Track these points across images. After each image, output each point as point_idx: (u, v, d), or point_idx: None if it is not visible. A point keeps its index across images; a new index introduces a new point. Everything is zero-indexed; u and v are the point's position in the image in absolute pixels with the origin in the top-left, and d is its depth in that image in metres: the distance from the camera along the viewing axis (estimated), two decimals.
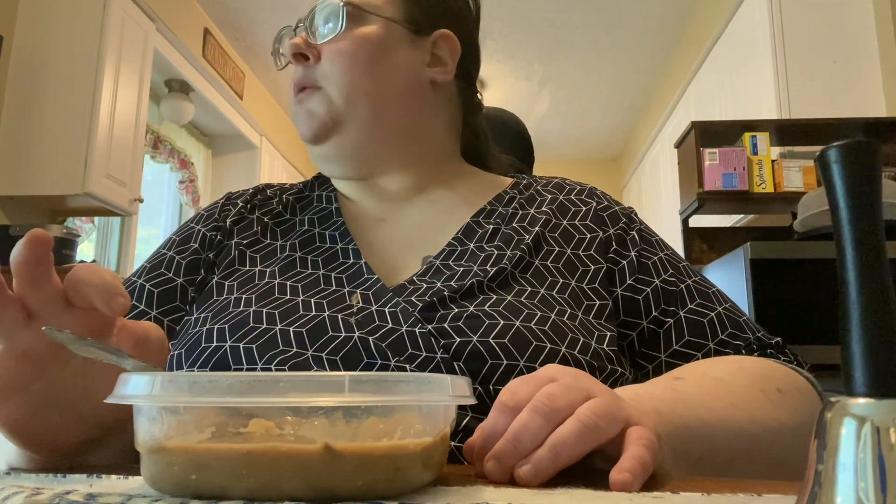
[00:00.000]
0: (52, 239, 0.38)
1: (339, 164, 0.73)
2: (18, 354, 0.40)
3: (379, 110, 0.71)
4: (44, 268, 0.39)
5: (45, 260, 0.39)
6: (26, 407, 0.41)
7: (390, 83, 0.71)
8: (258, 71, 5.18)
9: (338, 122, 0.70)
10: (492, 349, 0.55)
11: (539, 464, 0.36)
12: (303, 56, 0.70)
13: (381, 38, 0.71)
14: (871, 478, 0.24)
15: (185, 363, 0.58)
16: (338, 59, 0.70)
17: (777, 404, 0.53)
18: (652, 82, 5.20)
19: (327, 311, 0.58)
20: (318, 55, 0.70)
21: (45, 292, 0.39)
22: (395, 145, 0.73)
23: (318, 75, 0.70)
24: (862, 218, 0.25)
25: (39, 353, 0.40)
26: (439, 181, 0.75)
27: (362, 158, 0.72)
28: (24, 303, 0.39)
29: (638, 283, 0.67)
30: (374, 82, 0.70)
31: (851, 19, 2.84)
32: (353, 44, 0.70)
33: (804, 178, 2.47)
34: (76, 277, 0.39)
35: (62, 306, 0.40)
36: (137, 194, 3.45)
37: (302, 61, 0.71)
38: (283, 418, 0.31)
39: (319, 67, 0.70)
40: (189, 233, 0.73)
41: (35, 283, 0.39)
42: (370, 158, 0.72)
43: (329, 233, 0.71)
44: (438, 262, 0.66)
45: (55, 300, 0.40)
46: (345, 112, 0.70)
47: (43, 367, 0.41)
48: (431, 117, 0.75)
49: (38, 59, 3.10)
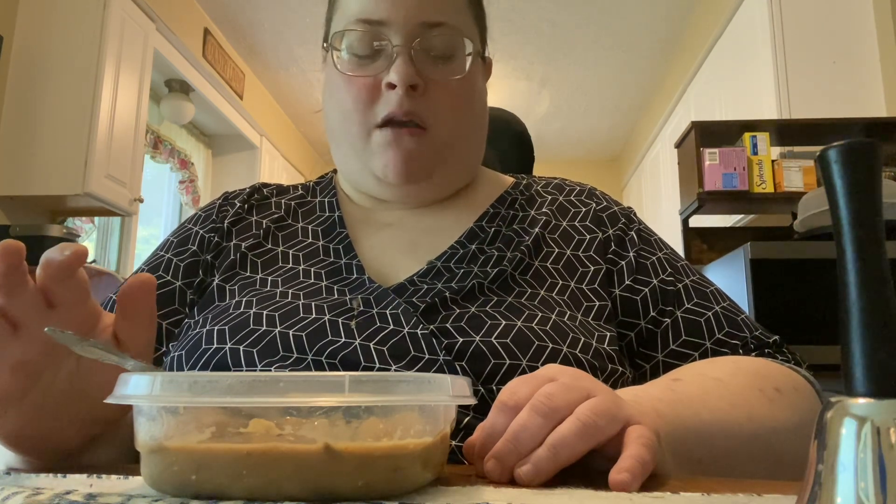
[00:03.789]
0: (23, 247, 0.38)
1: (413, 201, 0.72)
2: (11, 366, 0.40)
3: (469, 152, 0.72)
4: (19, 276, 0.38)
5: (19, 269, 0.38)
6: (24, 417, 0.41)
7: (479, 124, 0.73)
8: (258, 71, 5.18)
9: (434, 165, 0.68)
10: (494, 349, 0.55)
11: (539, 463, 0.36)
12: (412, 87, 0.64)
13: (478, 78, 0.71)
14: (871, 478, 0.24)
15: (185, 364, 0.58)
16: (449, 101, 0.66)
17: (775, 404, 0.53)
18: (652, 82, 5.20)
19: (328, 315, 0.58)
20: (425, 87, 0.65)
21: (25, 300, 0.39)
22: (468, 178, 0.75)
23: (423, 110, 0.65)
24: (862, 218, 0.25)
25: (32, 362, 0.40)
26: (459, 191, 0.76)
27: (439, 196, 0.72)
28: (7, 314, 0.39)
29: (636, 283, 0.67)
30: (472, 125, 0.71)
31: (851, 19, 2.84)
32: (465, 87, 0.68)
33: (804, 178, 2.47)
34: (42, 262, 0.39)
35: (44, 310, 0.40)
36: (137, 194, 3.45)
37: (410, 91, 0.64)
38: (283, 418, 0.31)
39: (425, 102, 0.65)
40: (187, 234, 0.72)
41: (13, 292, 0.38)
42: (444, 194, 0.73)
43: (333, 246, 0.69)
44: (440, 263, 0.65)
45: (36, 306, 0.39)
46: (444, 156, 0.68)
47: (37, 375, 0.41)
48: (485, 144, 0.78)
49: (38, 59, 3.10)
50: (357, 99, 0.65)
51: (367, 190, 0.72)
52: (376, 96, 0.65)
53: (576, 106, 5.68)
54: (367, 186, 0.71)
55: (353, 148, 0.68)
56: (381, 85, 0.65)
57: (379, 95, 0.65)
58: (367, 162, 0.67)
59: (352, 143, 0.68)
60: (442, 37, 0.65)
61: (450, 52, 0.66)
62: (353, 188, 0.75)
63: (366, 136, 0.66)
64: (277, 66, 5.09)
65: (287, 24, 4.46)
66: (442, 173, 0.70)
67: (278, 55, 4.91)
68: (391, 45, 0.64)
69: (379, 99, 0.65)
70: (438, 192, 0.72)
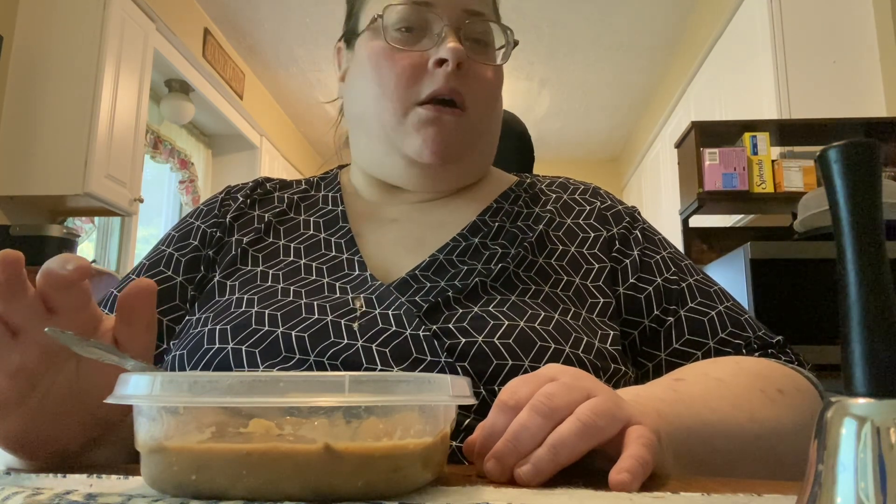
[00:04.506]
0: (22, 257, 0.38)
1: (441, 184, 0.72)
2: (11, 372, 0.40)
3: (493, 142, 0.75)
4: (18, 285, 0.38)
5: (19, 279, 0.38)
6: (24, 421, 0.41)
7: (500, 116, 0.75)
8: (258, 71, 5.18)
9: (467, 147, 0.70)
10: (496, 349, 0.55)
11: (539, 463, 0.36)
12: (459, 66, 0.65)
13: (503, 71, 0.73)
14: (871, 478, 0.24)
15: (187, 364, 0.58)
16: (486, 86, 0.69)
17: (778, 405, 0.53)
18: (652, 82, 5.20)
19: (330, 316, 0.58)
20: (467, 70, 0.66)
21: (25, 306, 0.39)
22: (484, 171, 0.77)
23: (466, 91, 0.66)
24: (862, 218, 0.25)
25: (31, 367, 0.40)
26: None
27: (461, 183, 0.74)
28: (6, 320, 0.39)
29: (640, 281, 0.67)
30: (497, 115, 0.74)
31: (851, 19, 2.84)
32: (497, 75, 0.71)
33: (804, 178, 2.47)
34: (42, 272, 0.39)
35: (44, 316, 0.40)
36: (137, 194, 3.45)
37: (457, 70, 0.65)
38: (283, 418, 0.31)
39: (467, 82, 0.66)
40: (188, 229, 0.71)
41: (13, 299, 0.38)
42: (466, 182, 0.74)
43: (335, 240, 0.69)
44: (442, 256, 0.65)
45: (36, 312, 0.39)
46: (474, 141, 0.70)
47: (36, 381, 0.41)
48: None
49: (38, 59, 3.10)
50: (401, 75, 0.66)
51: (389, 175, 0.72)
52: (420, 74, 0.66)
53: (576, 106, 5.68)
54: (391, 171, 0.71)
55: (385, 128, 0.68)
56: (427, 63, 0.66)
57: (423, 73, 0.66)
58: (398, 142, 0.68)
59: (384, 124, 0.68)
60: (484, 25, 0.69)
61: (488, 40, 0.70)
62: (367, 179, 0.75)
63: (402, 114, 0.67)
64: (277, 66, 5.09)
65: (287, 24, 4.46)
66: (470, 159, 0.71)
67: (278, 55, 4.91)
68: (440, 25, 0.66)
69: (423, 77, 0.66)
70: (461, 179, 0.73)
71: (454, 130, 0.66)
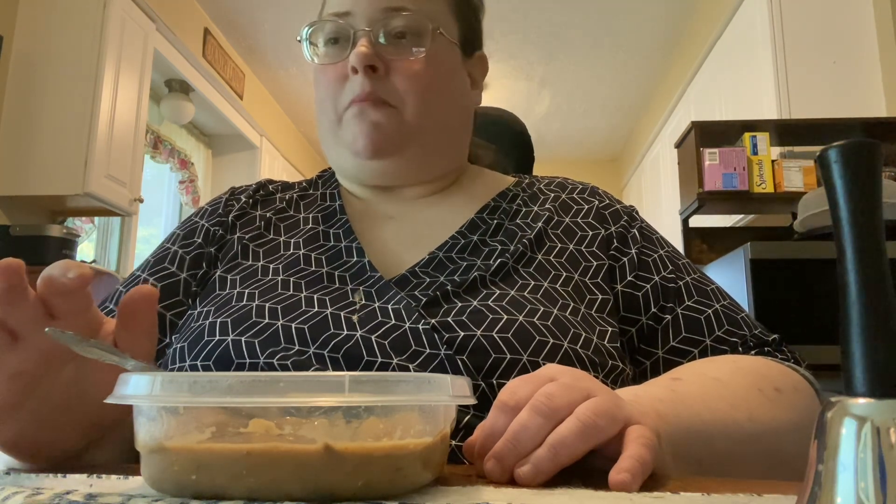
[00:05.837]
0: (23, 265, 0.38)
1: (389, 179, 0.72)
2: (10, 377, 0.40)
3: (443, 135, 0.72)
4: (19, 291, 0.38)
5: (19, 287, 0.38)
6: (23, 424, 0.41)
7: (453, 108, 0.73)
8: (258, 71, 5.18)
9: (404, 142, 0.69)
10: (495, 343, 0.55)
11: (539, 463, 0.36)
12: (372, 68, 0.66)
13: (450, 62, 0.72)
14: (871, 478, 0.24)
15: (188, 356, 0.58)
16: (413, 81, 0.68)
17: (776, 403, 0.53)
18: (652, 82, 5.20)
19: (330, 308, 0.59)
20: (387, 68, 0.67)
21: (25, 311, 0.39)
22: (448, 165, 0.75)
23: (388, 91, 0.67)
24: (862, 218, 0.25)
25: (30, 371, 0.40)
26: (453, 183, 0.77)
27: (416, 177, 0.73)
28: (7, 325, 0.39)
29: (638, 279, 0.67)
30: (444, 108, 0.71)
31: (851, 19, 2.84)
32: (430, 67, 0.68)
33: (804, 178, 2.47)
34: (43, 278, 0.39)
35: (44, 321, 0.40)
36: (137, 194, 3.46)
37: (370, 73, 0.66)
38: (283, 418, 0.31)
39: (389, 82, 0.67)
40: (193, 227, 0.73)
41: (13, 304, 0.38)
42: (422, 177, 0.73)
43: (333, 231, 0.70)
44: (441, 253, 0.66)
45: (36, 317, 0.39)
46: (412, 134, 0.69)
47: (36, 384, 0.41)
48: (469, 134, 0.78)
49: (38, 58, 3.10)
50: (328, 87, 0.69)
51: (349, 174, 0.74)
52: (344, 83, 0.68)
53: (576, 106, 5.68)
54: (347, 169, 0.73)
55: (332, 133, 0.71)
56: (348, 71, 0.67)
57: (346, 82, 0.68)
58: (342, 141, 0.70)
59: (330, 130, 0.71)
60: (402, 19, 0.68)
61: (412, 32, 0.68)
62: (345, 178, 0.77)
63: (337, 121, 0.69)
64: (277, 66, 5.09)
65: (287, 24, 4.46)
66: (414, 153, 0.70)
67: (278, 55, 4.91)
68: (353, 32, 0.67)
69: (346, 85, 0.68)
70: (415, 172, 0.72)
71: (383, 123, 0.67)
